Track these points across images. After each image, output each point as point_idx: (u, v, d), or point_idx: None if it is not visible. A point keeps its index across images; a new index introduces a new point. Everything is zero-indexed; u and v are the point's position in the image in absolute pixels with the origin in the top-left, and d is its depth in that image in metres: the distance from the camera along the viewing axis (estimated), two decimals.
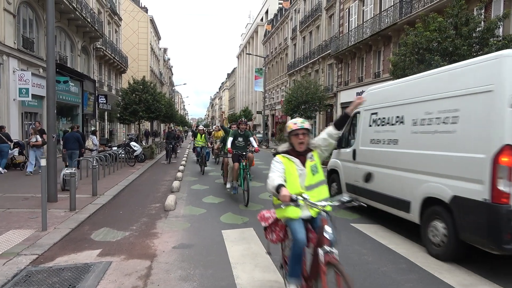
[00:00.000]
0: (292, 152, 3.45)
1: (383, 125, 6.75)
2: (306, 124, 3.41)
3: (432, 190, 5.27)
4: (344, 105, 28.12)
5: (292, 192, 3.08)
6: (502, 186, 4.24)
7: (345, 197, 3.16)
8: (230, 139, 9.12)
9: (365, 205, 3.72)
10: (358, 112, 7.65)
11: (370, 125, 7.16)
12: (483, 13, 11.68)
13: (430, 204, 5.32)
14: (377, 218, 7.27)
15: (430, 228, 5.27)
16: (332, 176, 8.67)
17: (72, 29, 21.85)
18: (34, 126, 13.58)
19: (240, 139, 9.30)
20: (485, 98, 4.51)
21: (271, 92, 51.18)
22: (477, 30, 9.94)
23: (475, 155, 4.55)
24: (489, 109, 4.43)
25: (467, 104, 4.79)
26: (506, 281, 4.35)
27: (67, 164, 12.09)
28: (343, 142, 8.28)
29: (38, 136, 12.53)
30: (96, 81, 26.80)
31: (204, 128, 16.65)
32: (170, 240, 5.74)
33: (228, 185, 9.81)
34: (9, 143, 13.17)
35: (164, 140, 21.85)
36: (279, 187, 3.05)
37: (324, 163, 4.53)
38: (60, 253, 5.08)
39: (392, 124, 6.44)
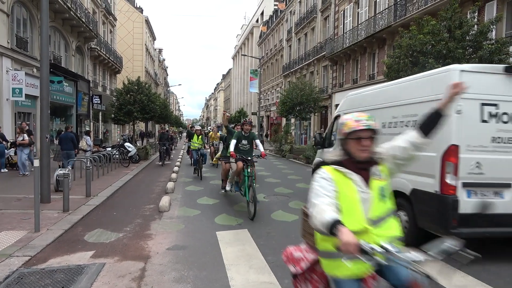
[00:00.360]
0: (348, 163, 2.28)
1: None
2: (375, 123, 2.28)
3: (397, 185, 5.70)
4: None
5: (352, 228, 1.96)
6: (449, 180, 4.92)
7: (449, 243, 1.97)
8: (233, 142, 8.08)
9: (480, 255, 2.09)
10: (339, 115, 8.35)
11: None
12: (476, 16, 11.79)
13: (396, 197, 5.61)
14: None
15: None
16: None
17: (67, 29, 21.73)
18: (20, 125, 13.50)
19: (244, 142, 8.26)
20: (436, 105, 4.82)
21: (266, 93, 51.23)
22: (471, 33, 10.02)
23: (429, 153, 5.01)
24: None
25: (424, 110, 5.18)
26: (498, 281, 4.38)
27: (61, 164, 12.02)
28: (326, 142, 9.08)
29: (25, 135, 12.46)
30: (91, 81, 26.67)
31: (201, 129, 15.30)
32: (164, 242, 5.72)
33: (228, 187, 8.92)
34: (5, 143, 13.15)
35: (157, 142, 20.85)
36: (335, 226, 1.89)
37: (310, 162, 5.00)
38: (53, 254, 5.05)
39: None
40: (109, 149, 16.97)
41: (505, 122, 5.06)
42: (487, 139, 5.02)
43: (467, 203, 4.87)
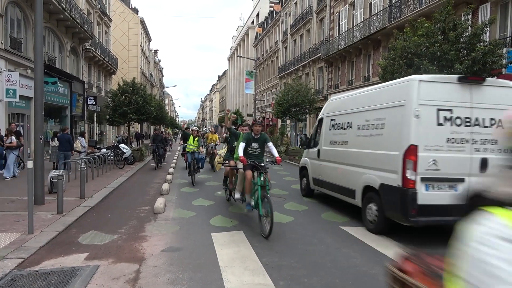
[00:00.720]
0: None
1: (338, 129, 8.22)
2: None
3: (368, 180, 6.67)
4: None
5: None
6: (409, 175, 5.65)
7: None
8: (241, 145, 6.89)
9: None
10: (322, 118, 9.22)
11: (330, 129, 8.58)
12: (470, 19, 11.87)
13: (368, 191, 6.71)
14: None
15: (367, 209, 6.69)
16: (303, 172, 10.16)
17: (61, 29, 21.63)
18: (9, 127, 13.42)
19: (254, 145, 7.14)
20: (400, 110, 5.99)
21: (262, 94, 51.25)
22: (464, 35, 10.10)
23: (393, 152, 5.96)
24: (402, 118, 5.90)
25: (390, 114, 6.30)
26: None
27: (56, 165, 11.98)
28: (312, 142, 9.81)
29: (13, 137, 12.39)
30: (85, 82, 26.54)
31: (198, 130, 14.07)
32: (159, 243, 5.70)
33: (237, 195, 7.57)
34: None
35: (150, 144, 19.47)
36: None
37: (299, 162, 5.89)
38: (46, 256, 5.02)
39: (344, 129, 7.93)
40: (104, 150, 16.89)
41: (458, 125, 5.77)
42: (442, 140, 5.71)
43: (425, 195, 5.63)
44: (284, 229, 6.64)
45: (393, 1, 20.23)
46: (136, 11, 52.57)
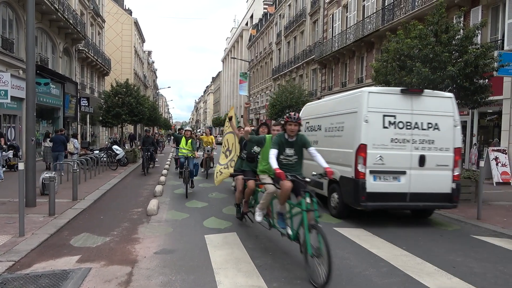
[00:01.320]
0: None
1: (311, 130, 9.25)
2: None
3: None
4: None
5: None
6: (360, 168, 6.93)
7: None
8: (273, 153, 4.98)
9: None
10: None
11: (305, 131, 9.39)
12: (462, 21, 11.98)
13: (332, 183, 7.97)
14: (359, 222, 7.34)
15: (331, 198, 7.99)
16: None
17: (54, 30, 21.47)
18: None
19: (289, 151, 5.25)
20: (354, 116, 7.26)
21: (256, 96, 51.27)
22: (456, 37, 10.17)
23: (349, 150, 7.25)
24: (355, 122, 7.17)
25: (347, 119, 7.62)
26: (484, 283, 4.43)
27: (48, 165, 11.90)
28: None
29: None
30: (78, 84, 26.37)
31: (191, 130, 12.56)
32: (152, 246, 5.67)
33: (259, 216, 5.69)
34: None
35: (140, 147, 16.46)
36: None
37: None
38: (37, 259, 4.96)
39: (315, 130, 9.08)
40: (97, 152, 16.78)
41: (401, 128, 7.01)
42: (387, 140, 6.93)
43: (373, 185, 6.89)
44: (276, 231, 6.62)
45: (386, 4, 20.36)
46: (129, 12, 52.37)
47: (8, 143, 14.73)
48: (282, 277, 4.47)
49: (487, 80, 10.34)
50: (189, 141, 10.89)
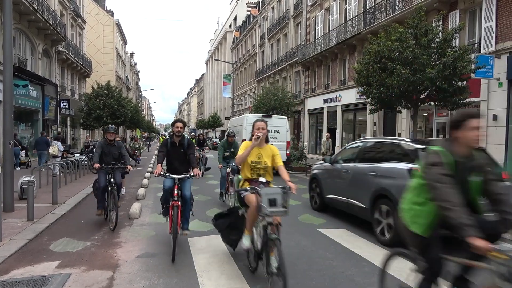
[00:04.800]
0: None
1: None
2: None
3: None
4: (311, 112, 28.63)
5: None
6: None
7: None
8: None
9: None
10: (245, 129, 15.70)
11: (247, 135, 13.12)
12: (441, 25, 12.24)
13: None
14: (342, 223, 7.41)
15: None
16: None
17: (33, 31, 21.02)
18: None
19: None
20: (241, 127, 16.02)
21: (240, 98, 51.27)
22: (435, 40, 10.41)
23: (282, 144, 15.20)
24: (241, 129, 15.34)
25: (239, 128, 15.62)
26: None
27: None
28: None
29: None
30: (58, 86, 25.86)
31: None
32: (134, 249, 5.59)
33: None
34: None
35: (94, 170, 7.31)
36: None
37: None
38: (15, 265, 4.83)
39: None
40: (77, 155, 16.49)
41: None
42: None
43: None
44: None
45: (368, 7, 20.66)
46: (111, 13, 51.68)
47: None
48: (266, 279, 4.47)
49: (465, 82, 10.60)
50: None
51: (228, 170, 9.36)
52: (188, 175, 5.57)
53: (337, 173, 7.78)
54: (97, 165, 6.94)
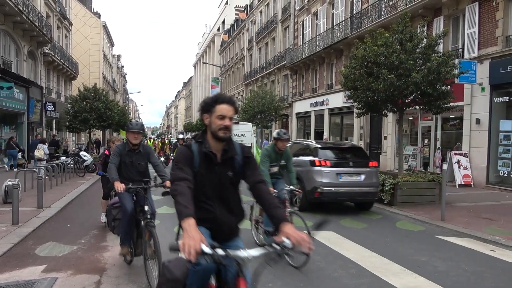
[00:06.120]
0: None
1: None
2: None
3: None
4: (299, 115, 28.81)
5: None
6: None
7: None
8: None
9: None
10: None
11: None
12: (425, 31, 12.48)
13: None
14: (330, 226, 7.48)
15: None
16: None
17: (18, 32, 20.73)
18: None
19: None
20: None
21: None
22: (420, 46, 10.61)
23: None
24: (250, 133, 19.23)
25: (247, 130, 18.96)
26: (447, 281, 4.63)
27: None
28: None
29: None
30: (44, 88, 25.53)
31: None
32: None
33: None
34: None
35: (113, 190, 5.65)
36: None
37: None
38: (0, 270, 4.76)
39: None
40: (63, 158, 16.27)
41: (237, 136, 11.65)
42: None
43: None
44: (248, 235, 6.65)
45: (354, 12, 20.94)
46: (98, 15, 51.25)
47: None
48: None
49: (449, 86, 10.82)
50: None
51: (285, 195, 5.63)
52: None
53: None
54: (121, 187, 4.38)
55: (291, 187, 5.72)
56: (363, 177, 8.84)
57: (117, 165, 4.73)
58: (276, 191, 5.46)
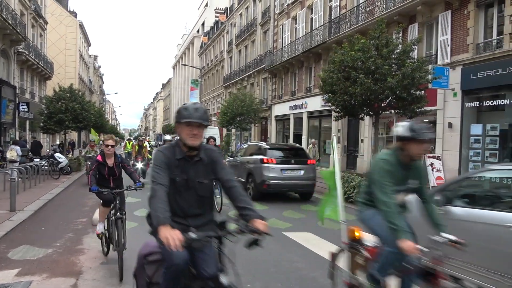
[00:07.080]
0: None
1: None
2: None
3: None
4: (278, 118, 29.00)
5: None
6: None
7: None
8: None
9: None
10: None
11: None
12: (400, 37, 12.84)
13: None
14: (307, 227, 7.58)
15: None
16: None
17: None
18: None
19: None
20: None
21: (207, 103, 51.07)
22: (395, 51, 10.92)
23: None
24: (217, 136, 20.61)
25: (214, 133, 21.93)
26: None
27: None
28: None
29: None
30: (17, 87, 24.80)
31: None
32: (98, 256, 5.49)
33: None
34: None
35: None
36: None
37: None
38: None
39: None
40: (37, 160, 15.85)
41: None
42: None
43: None
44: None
45: (333, 18, 21.29)
46: (74, 14, 50.17)
47: None
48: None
49: (422, 91, 11.16)
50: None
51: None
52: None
53: (234, 162, 12.70)
54: (177, 238, 2.24)
55: (444, 234, 2.99)
56: (302, 172, 10.92)
57: (166, 187, 2.57)
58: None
